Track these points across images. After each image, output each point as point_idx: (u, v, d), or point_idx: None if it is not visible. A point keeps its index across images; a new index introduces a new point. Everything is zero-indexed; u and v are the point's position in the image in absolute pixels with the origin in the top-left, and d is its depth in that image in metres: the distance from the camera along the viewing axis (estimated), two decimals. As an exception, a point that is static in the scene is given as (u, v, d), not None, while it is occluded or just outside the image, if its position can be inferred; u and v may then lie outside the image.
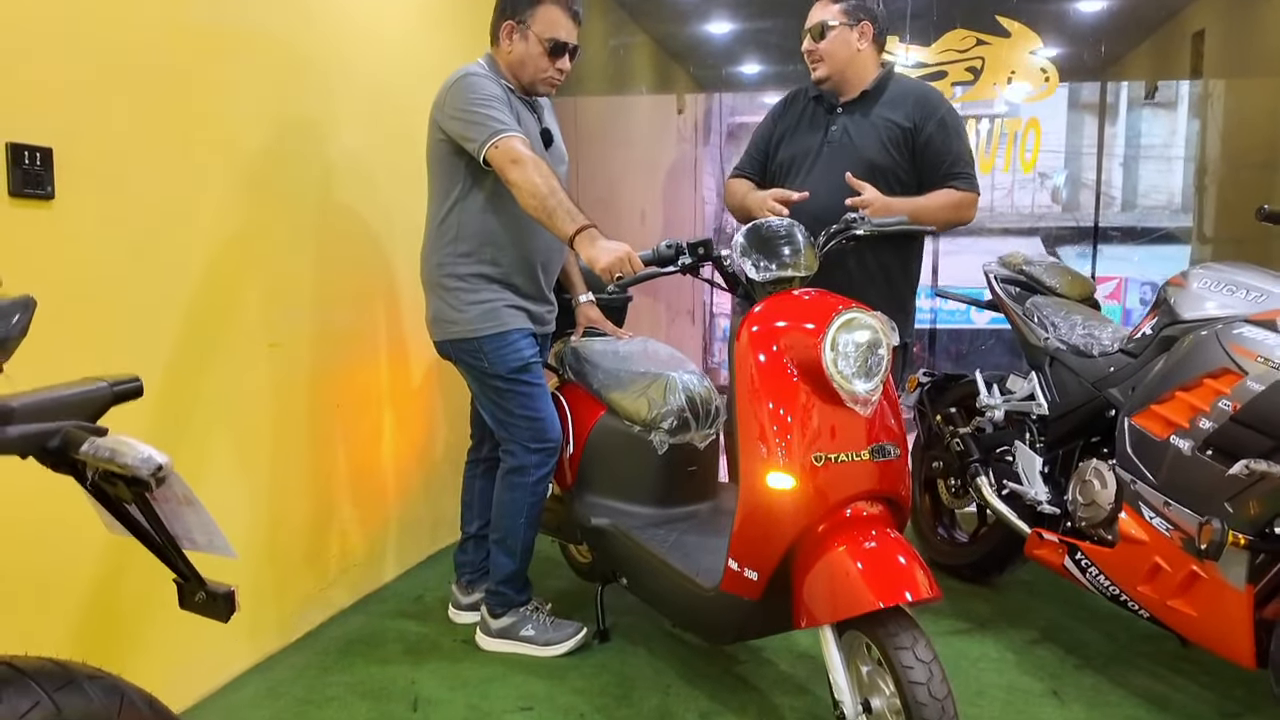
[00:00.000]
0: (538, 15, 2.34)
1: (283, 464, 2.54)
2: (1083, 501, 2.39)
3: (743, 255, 2.05)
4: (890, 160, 2.57)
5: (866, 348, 1.85)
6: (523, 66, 2.38)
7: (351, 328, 2.83)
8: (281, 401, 2.52)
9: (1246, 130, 4.50)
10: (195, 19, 2.17)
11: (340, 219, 2.75)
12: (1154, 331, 2.34)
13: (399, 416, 3.08)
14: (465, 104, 2.27)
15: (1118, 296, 6.58)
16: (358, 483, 2.87)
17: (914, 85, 2.64)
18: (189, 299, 2.19)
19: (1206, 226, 4.97)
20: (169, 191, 2.12)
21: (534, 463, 2.44)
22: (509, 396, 2.42)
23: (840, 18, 2.56)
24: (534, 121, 2.44)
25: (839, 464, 1.85)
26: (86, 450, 0.91)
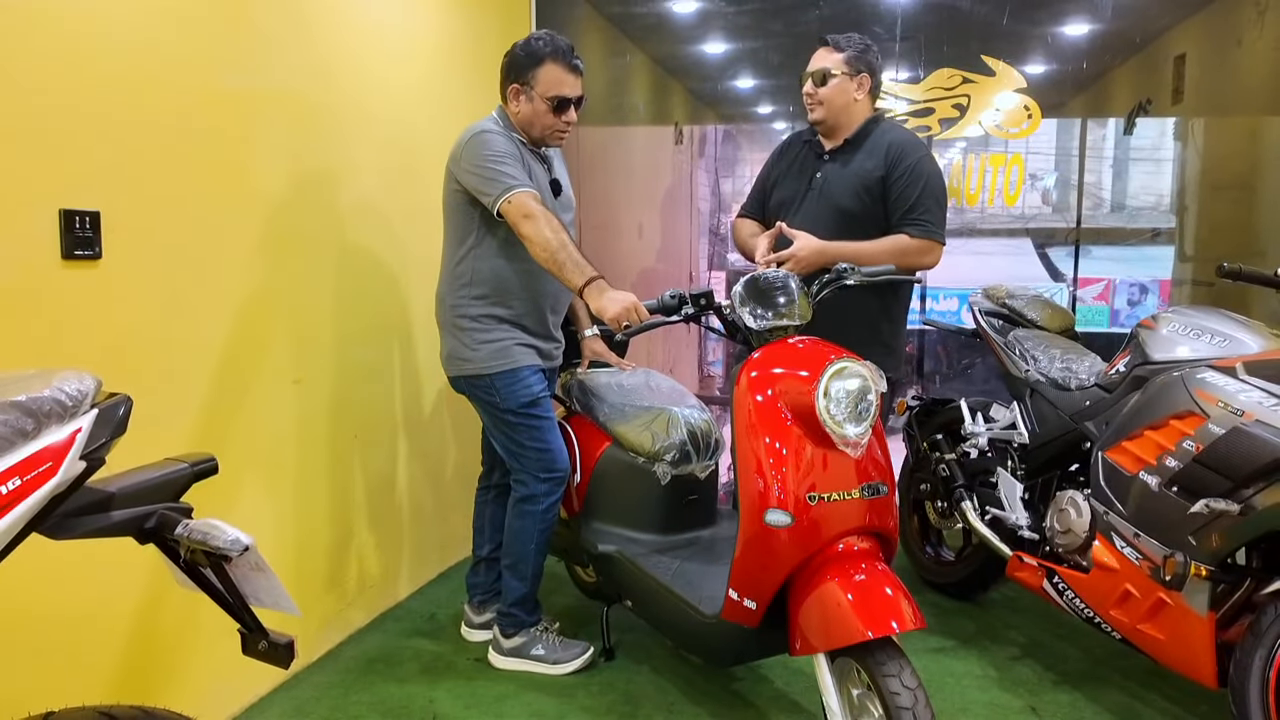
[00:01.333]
0: (540, 77, 2.48)
1: (306, 491, 2.68)
2: (1060, 529, 2.55)
3: (741, 305, 2.19)
4: (861, 206, 2.65)
5: (857, 394, 2.00)
6: (531, 124, 2.53)
7: (369, 362, 2.97)
8: (305, 433, 2.66)
9: (1226, 151, 4.66)
10: (226, 84, 2.31)
11: (358, 260, 2.89)
12: (1127, 370, 2.49)
13: (412, 442, 3.22)
14: (480, 160, 2.42)
15: (1105, 298, 6.71)
16: (374, 506, 3.01)
17: (895, 133, 2.70)
18: (222, 343, 2.33)
19: (1187, 246, 5.12)
20: (202, 244, 2.25)
21: (543, 491, 2.59)
22: (520, 429, 2.56)
23: (843, 68, 2.68)
24: (544, 173, 2.58)
25: (832, 503, 2.00)
26: (180, 532, 1.04)
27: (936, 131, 3.74)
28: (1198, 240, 4.93)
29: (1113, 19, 3.89)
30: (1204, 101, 4.65)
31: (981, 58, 3.64)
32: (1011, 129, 3.67)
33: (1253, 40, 3.90)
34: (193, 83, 2.21)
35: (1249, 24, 3.94)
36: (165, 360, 2.15)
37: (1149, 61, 4.70)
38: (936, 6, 3.76)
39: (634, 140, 4.54)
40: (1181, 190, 4.99)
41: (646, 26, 4.36)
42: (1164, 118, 4.40)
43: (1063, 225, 4.87)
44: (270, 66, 2.48)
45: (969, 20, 3.72)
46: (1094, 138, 4.53)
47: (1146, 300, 5.54)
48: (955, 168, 3.78)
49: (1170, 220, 4.86)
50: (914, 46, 3.67)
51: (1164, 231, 4.82)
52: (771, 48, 4.01)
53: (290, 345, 2.58)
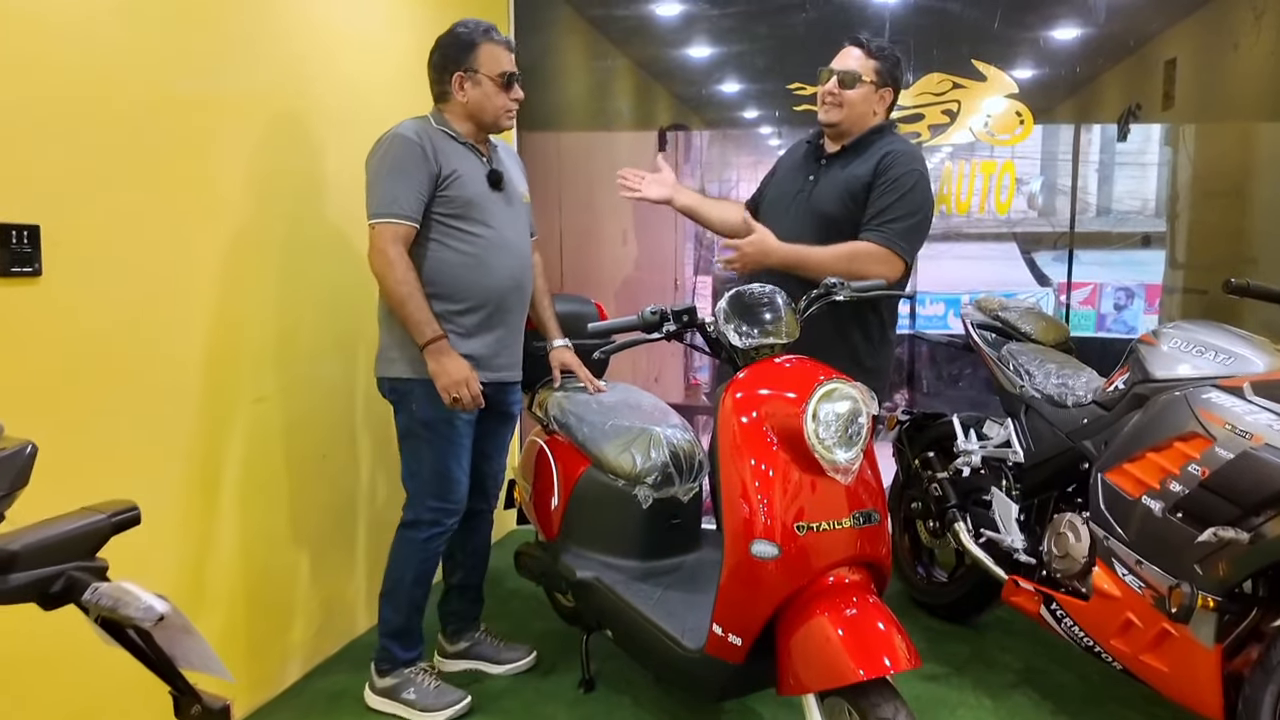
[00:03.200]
0: (481, 58, 2.40)
1: (270, 515, 2.56)
2: (1057, 554, 2.45)
3: (725, 322, 2.08)
4: (845, 212, 2.53)
5: (847, 417, 1.89)
6: (483, 110, 2.43)
7: (337, 378, 2.84)
8: (268, 455, 2.53)
9: (1218, 157, 4.59)
10: (187, 88, 2.19)
11: (327, 271, 2.75)
12: (1126, 387, 2.40)
13: (381, 463, 3.09)
14: (375, 167, 2.35)
15: (1092, 302, 6.67)
16: (342, 530, 2.89)
17: (890, 142, 2.56)
18: (179, 361, 2.20)
19: (1179, 252, 5.06)
20: (158, 258, 2.13)
21: (429, 519, 2.46)
22: (425, 446, 2.43)
23: (873, 76, 2.55)
24: (479, 165, 2.46)
25: (821, 533, 1.89)
26: (89, 598, 0.92)
27: (926, 138, 3.64)
28: (1189, 247, 4.86)
29: (1103, 23, 3.80)
30: (1195, 106, 4.58)
31: (972, 62, 3.54)
32: (1003, 135, 3.57)
33: (1250, 44, 3.83)
34: (150, 87, 2.08)
35: (1246, 27, 3.87)
36: (116, 382, 2.02)
37: (1138, 66, 4.62)
38: (925, 9, 3.67)
39: (617, 145, 4.42)
40: (1173, 196, 4.92)
41: (628, 29, 4.25)
42: (1149, 123, 4.33)
43: (1049, 230, 4.80)
44: (236, 69, 2.36)
45: (959, 24, 3.62)
46: (1080, 142, 4.46)
47: (1133, 305, 5.47)
48: (945, 174, 3.69)
49: (1157, 225, 4.79)
50: (902, 51, 3.56)
51: (1153, 237, 4.75)
52: (757, 51, 3.91)
53: (253, 363, 2.46)
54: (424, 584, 2.50)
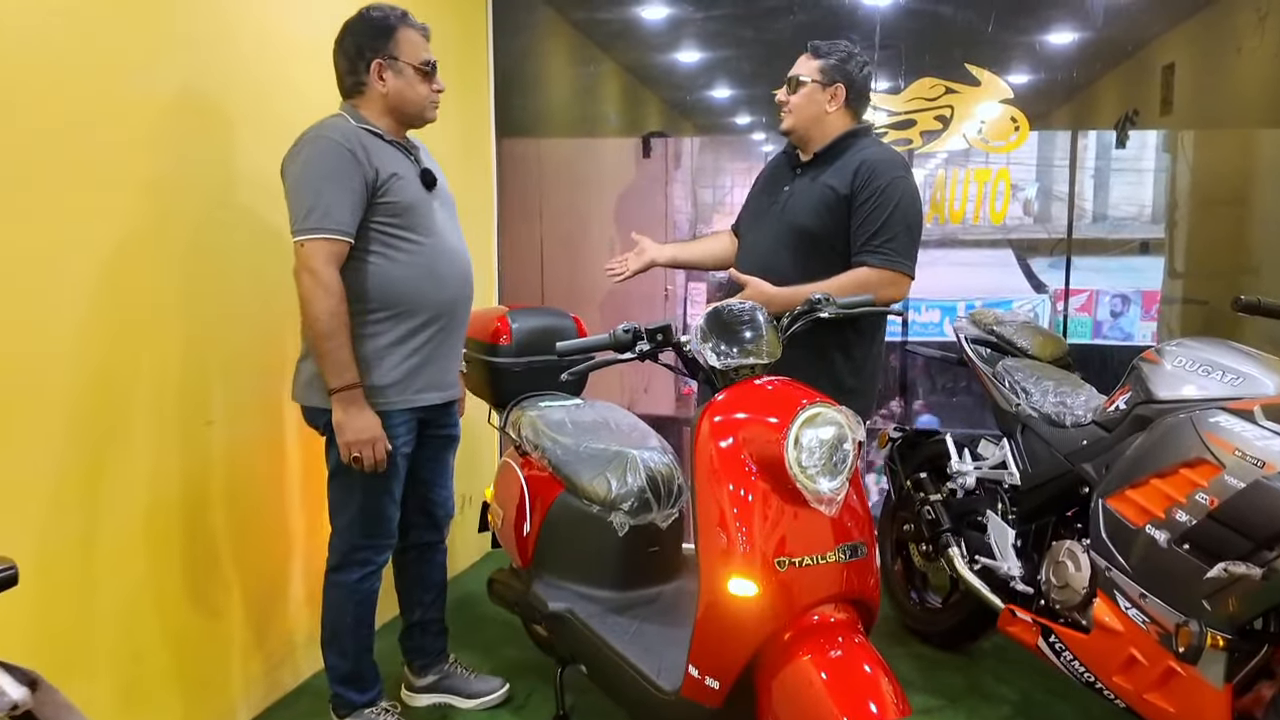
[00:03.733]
0: (399, 44, 2.20)
1: (225, 544, 2.42)
2: (1056, 584, 2.32)
3: (703, 341, 1.96)
4: (822, 225, 2.41)
5: (831, 444, 1.77)
6: (404, 101, 2.23)
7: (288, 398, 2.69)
8: (221, 480, 2.40)
9: (1218, 164, 4.48)
10: (131, 91, 2.06)
11: (284, 285, 2.61)
12: (1128, 407, 2.27)
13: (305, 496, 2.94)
14: (298, 175, 2.11)
15: (1088, 309, 6.59)
16: (303, 558, 2.74)
17: (870, 151, 2.43)
18: (122, 384, 2.07)
19: (1178, 262, 4.94)
20: (97, 270, 2.00)
21: (358, 560, 2.30)
22: (357, 482, 2.24)
23: (816, 75, 2.45)
24: (411, 165, 2.27)
25: (804, 568, 1.76)
26: (-63, 683, 0.79)
27: (918, 145, 3.52)
28: (1189, 256, 4.75)
29: (1099, 27, 3.69)
30: (1195, 112, 4.47)
31: (966, 66, 3.43)
32: (997, 141, 3.45)
33: (1253, 47, 3.71)
34: (89, 90, 1.95)
35: (1249, 29, 3.75)
36: (50, 407, 1.89)
37: (1136, 71, 4.52)
38: (917, 13, 3.55)
39: (601, 152, 4.30)
40: (1172, 204, 4.81)
41: (613, 33, 4.14)
42: (1146, 130, 4.23)
43: (1044, 236, 4.70)
44: (185, 72, 2.22)
45: (952, 27, 3.51)
46: (1077, 148, 4.36)
47: (1129, 311, 5.37)
48: (938, 182, 3.57)
49: (1153, 231, 4.68)
50: (894, 55, 3.46)
51: (1151, 244, 4.65)
52: (744, 56, 3.80)
53: (203, 383, 2.32)
54: (367, 623, 2.35)
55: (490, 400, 2.85)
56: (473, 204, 3.72)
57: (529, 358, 2.74)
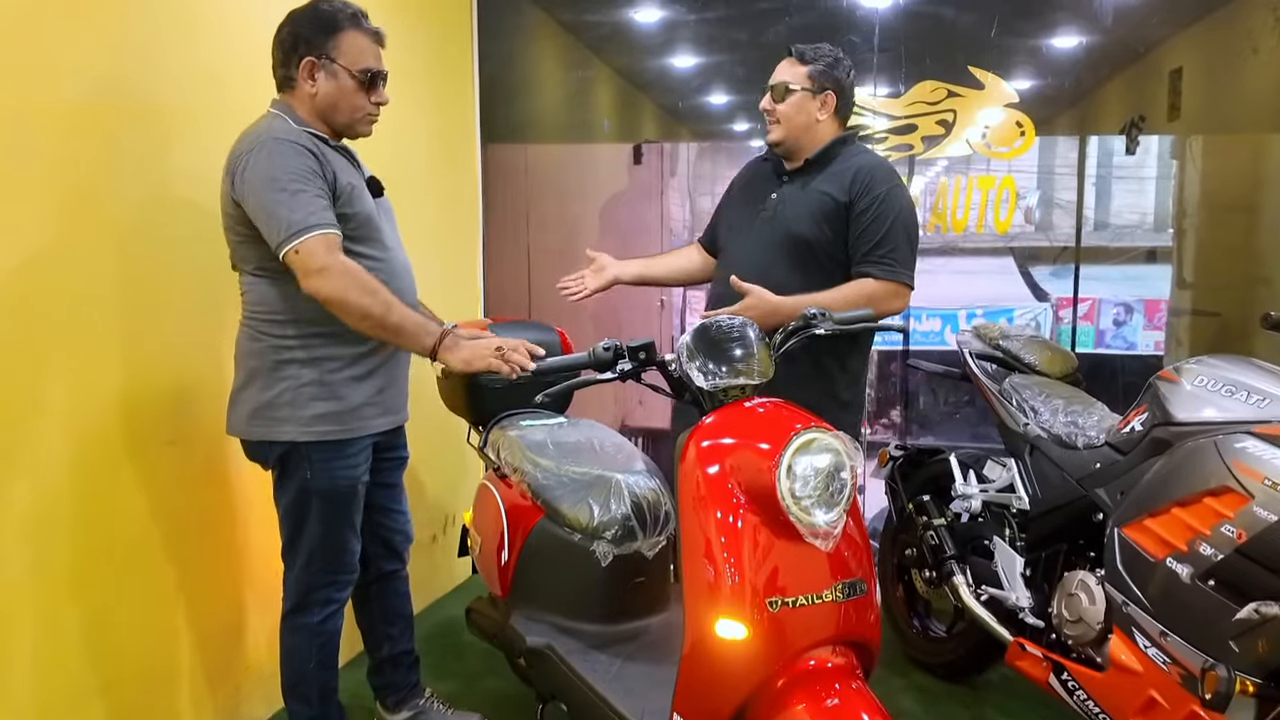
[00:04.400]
0: (341, 46, 1.99)
1: (187, 571, 2.28)
2: (1069, 617, 2.18)
3: (689, 360, 1.82)
4: (819, 234, 2.33)
5: (827, 473, 1.63)
6: (335, 109, 2.02)
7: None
8: (183, 503, 2.26)
9: (1227, 172, 4.35)
10: (80, 96, 1.94)
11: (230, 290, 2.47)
12: (1144, 429, 2.13)
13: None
14: (264, 183, 1.88)
15: (1091, 318, 6.51)
16: (269, 584, 2.59)
17: (864, 158, 2.37)
18: (70, 405, 1.94)
19: (1187, 271, 4.81)
20: (42, 287, 1.86)
21: (320, 599, 2.13)
22: (315, 517, 2.07)
23: (805, 82, 2.36)
24: (356, 172, 2.08)
25: (798, 608, 1.62)
26: None
27: (920, 150, 3.39)
28: (1198, 266, 4.62)
29: (1104, 30, 3.56)
30: (1203, 118, 4.34)
31: (969, 69, 3.29)
32: (1001, 147, 3.32)
33: (1271, 48, 3.58)
34: (31, 94, 1.82)
35: (1265, 31, 3.62)
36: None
37: (1141, 76, 4.40)
38: (917, 14, 3.42)
39: (594, 159, 4.17)
40: (1180, 212, 4.68)
41: (603, 36, 4.01)
42: (1149, 135, 4.11)
43: (1047, 244, 4.57)
44: (142, 75, 2.09)
45: (953, 30, 3.38)
46: (1076, 154, 4.24)
47: (1132, 320, 5.23)
48: (940, 189, 3.43)
49: (1156, 239, 4.56)
50: (894, 58, 3.33)
51: (1156, 252, 4.52)
52: (739, 60, 3.67)
53: (162, 402, 2.18)
54: (330, 665, 2.19)
55: (469, 418, 2.71)
56: (457, 212, 3.59)
57: (510, 374, 2.59)
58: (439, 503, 3.46)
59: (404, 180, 2.18)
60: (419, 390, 2.37)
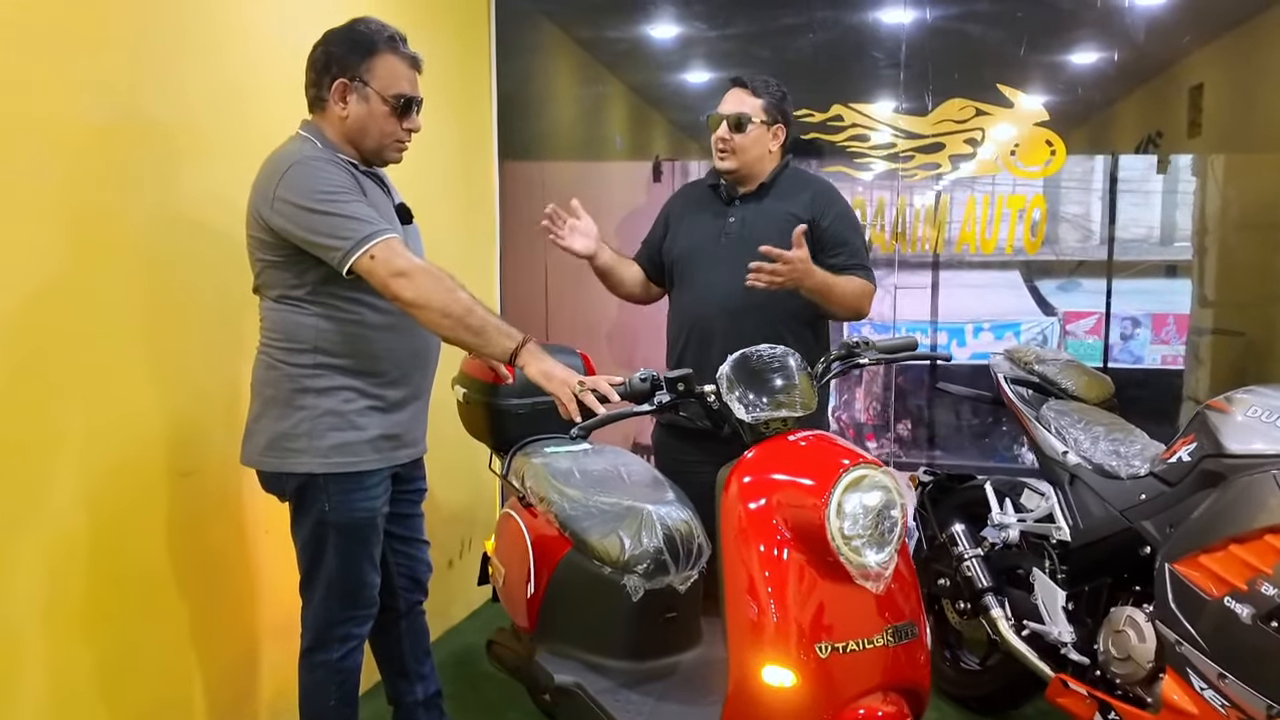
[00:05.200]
0: (375, 69, 1.93)
1: (205, 602, 2.21)
2: (1116, 655, 2.10)
3: (729, 390, 1.76)
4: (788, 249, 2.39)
5: (878, 511, 1.57)
6: (364, 133, 1.96)
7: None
8: (198, 535, 2.19)
9: (1251, 188, 4.29)
10: (94, 117, 1.87)
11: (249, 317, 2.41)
12: (1192, 459, 2.06)
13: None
14: (311, 199, 1.82)
15: (1098, 332, 6.47)
16: (284, 619, 2.52)
17: (810, 178, 2.60)
18: (85, 434, 1.87)
19: (1209, 289, 4.74)
20: (52, 313, 1.80)
21: (339, 636, 2.05)
22: (334, 551, 2.00)
23: (761, 115, 2.46)
24: (387, 199, 2.03)
25: (848, 654, 1.56)
26: None
27: (947, 169, 3.33)
28: (1219, 283, 4.55)
29: (1126, 47, 3.51)
30: (1225, 135, 4.28)
31: (997, 87, 3.24)
32: (1032, 166, 3.26)
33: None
34: (49, 113, 1.77)
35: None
36: (9, 460, 1.70)
37: (1159, 92, 4.34)
38: (943, 30, 3.36)
39: (612, 176, 4.11)
40: (1201, 229, 4.62)
41: (620, 53, 3.95)
42: (1166, 153, 4.06)
43: (1053, 258, 4.52)
44: (162, 94, 2.03)
45: (980, 46, 3.33)
46: (1083, 169, 4.19)
47: (1139, 335, 5.17)
48: (969, 209, 3.37)
49: (1163, 253, 4.51)
50: (919, 74, 3.27)
51: (1160, 268, 4.47)
52: (760, 76, 3.60)
53: (176, 431, 2.12)
54: (351, 703, 2.11)
55: (490, 444, 2.64)
56: (474, 230, 3.53)
57: (534, 398, 2.53)
58: (454, 527, 3.39)
59: (421, 199, 2.12)
60: (431, 413, 2.31)
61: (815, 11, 3.34)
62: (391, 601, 2.24)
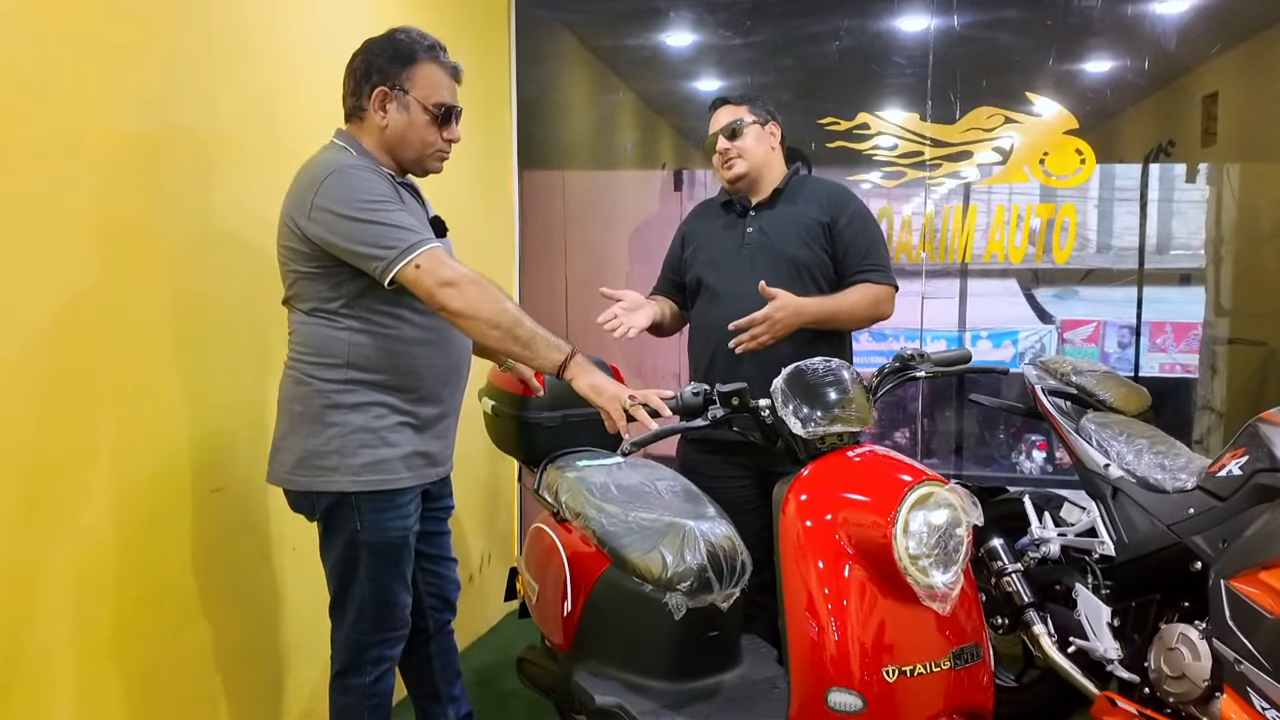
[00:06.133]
0: (416, 78, 1.89)
1: (237, 618, 2.17)
2: (1169, 673, 2.06)
3: (784, 404, 1.71)
4: (811, 255, 2.42)
5: (945, 530, 1.52)
6: (404, 143, 1.92)
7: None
8: (229, 551, 2.14)
9: (1267, 198, 4.27)
10: (129, 125, 1.84)
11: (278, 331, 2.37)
12: (1244, 474, 2.03)
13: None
14: (354, 208, 1.77)
15: (1095, 340, 6.46)
16: (315, 635, 2.47)
17: (823, 182, 2.56)
18: (114, 448, 1.82)
19: (1224, 299, 4.72)
20: (83, 325, 1.75)
21: (372, 659, 1.98)
22: (366, 572, 1.94)
23: (751, 117, 2.46)
24: (422, 210, 1.99)
25: (916, 678, 1.51)
26: None
27: (976, 179, 3.30)
28: (1235, 293, 4.53)
29: (1143, 55, 3.49)
30: (1240, 143, 4.26)
31: (1026, 95, 3.21)
32: (1062, 175, 3.23)
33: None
34: (80, 124, 1.72)
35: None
36: (44, 477, 1.66)
37: (1173, 100, 4.32)
38: (969, 39, 3.34)
39: (633, 186, 4.06)
40: (1217, 239, 4.60)
41: (639, 60, 3.91)
42: (1132, 163, 4.04)
43: (1050, 266, 4.50)
44: (193, 103, 1.99)
45: (1010, 53, 3.30)
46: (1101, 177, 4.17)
47: (1137, 342, 5.15)
48: (997, 217, 3.34)
49: (1157, 261, 4.48)
50: (947, 82, 3.24)
51: (1150, 276, 4.43)
52: (784, 84, 3.56)
53: (207, 447, 2.07)
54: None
55: (520, 458, 2.59)
56: (494, 240, 3.49)
57: (564, 410, 2.49)
58: (475, 542, 3.34)
59: (441, 209, 2.08)
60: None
61: (841, 19, 3.31)
62: (421, 622, 2.18)
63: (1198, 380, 4.56)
